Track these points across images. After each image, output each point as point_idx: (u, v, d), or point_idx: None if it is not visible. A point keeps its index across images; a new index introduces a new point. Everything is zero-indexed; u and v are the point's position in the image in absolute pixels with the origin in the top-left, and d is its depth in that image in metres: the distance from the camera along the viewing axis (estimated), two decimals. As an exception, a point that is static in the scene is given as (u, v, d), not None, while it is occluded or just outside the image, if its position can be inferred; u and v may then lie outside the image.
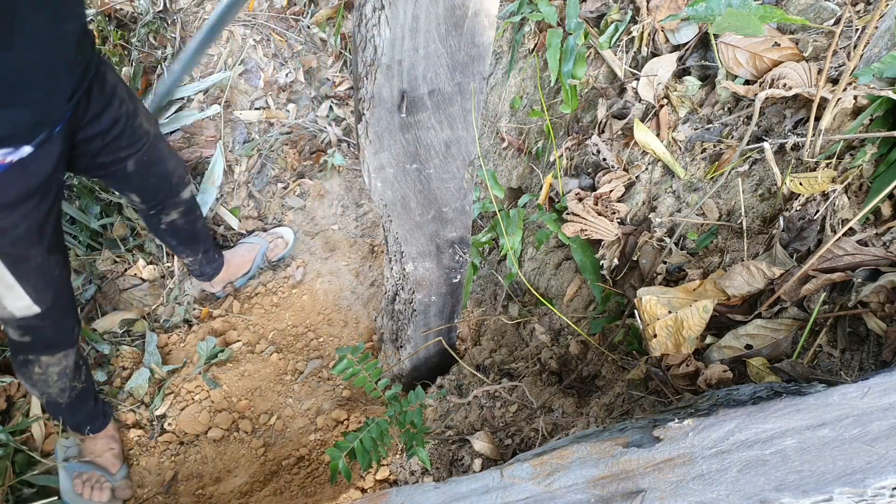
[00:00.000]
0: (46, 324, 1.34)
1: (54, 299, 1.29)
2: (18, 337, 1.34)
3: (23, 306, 1.21)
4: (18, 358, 1.42)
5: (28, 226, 1.12)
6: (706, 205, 1.38)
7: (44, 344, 1.39)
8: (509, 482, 0.85)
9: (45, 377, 1.45)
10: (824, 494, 0.73)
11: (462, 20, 0.93)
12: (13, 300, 1.18)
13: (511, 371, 1.71)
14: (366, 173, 1.18)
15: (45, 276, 1.23)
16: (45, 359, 1.41)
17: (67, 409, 1.59)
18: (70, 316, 1.43)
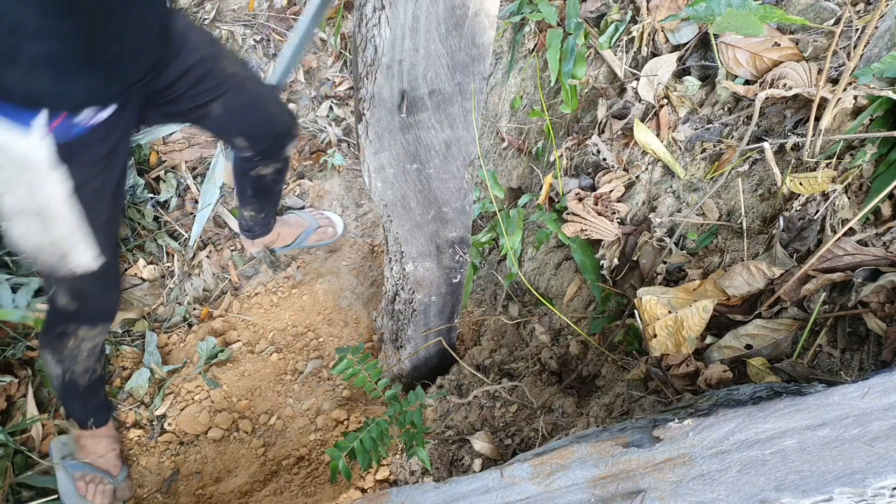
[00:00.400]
0: (97, 288, 1.37)
1: (111, 259, 1.33)
2: (66, 303, 1.36)
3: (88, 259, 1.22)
4: (56, 330, 1.43)
5: (104, 180, 1.17)
6: (706, 205, 1.38)
7: (88, 314, 1.41)
8: (509, 482, 0.85)
9: (76, 352, 1.46)
10: (824, 494, 0.74)
11: (462, 20, 0.93)
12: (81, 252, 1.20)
13: (511, 371, 1.71)
14: (366, 173, 1.18)
15: (109, 232, 1.28)
16: (82, 332, 1.43)
17: (83, 393, 1.59)
18: (116, 287, 1.46)
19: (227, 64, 1.42)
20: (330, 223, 2.39)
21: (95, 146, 1.10)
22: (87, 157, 1.10)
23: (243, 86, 1.47)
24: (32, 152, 0.99)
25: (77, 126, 1.04)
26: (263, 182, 1.82)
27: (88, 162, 1.11)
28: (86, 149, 1.09)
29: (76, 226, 1.15)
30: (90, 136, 1.07)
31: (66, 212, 1.11)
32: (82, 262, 1.22)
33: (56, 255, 1.17)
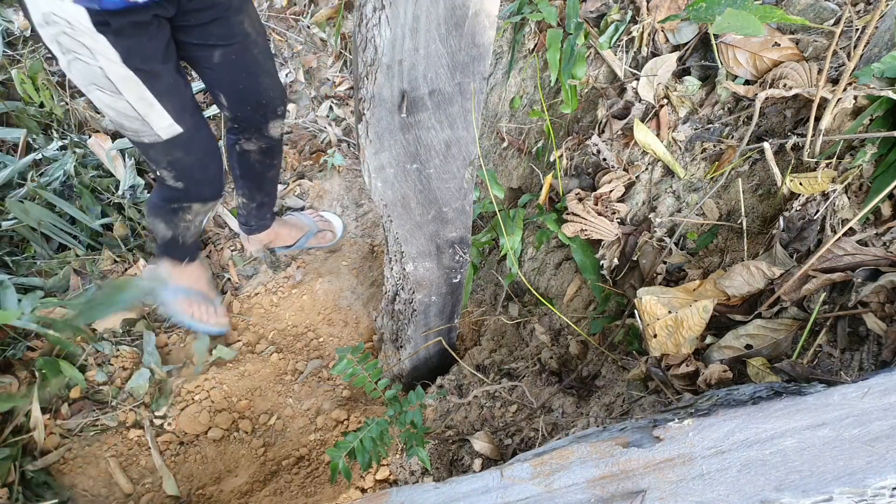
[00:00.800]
0: (193, 160, 1.45)
1: (194, 124, 1.40)
2: (172, 181, 1.47)
3: (166, 125, 1.31)
4: (172, 206, 1.55)
5: (155, 47, 1.24)
6: (706, 205, 1.38)
7: (198, 192, 1.53)
8: (509, 482, 0.85)
9: (190, 224, 1.60)
10: (824, 494, 0.74)
11: (462, 20, 0.93)
12: (156, 119, 1.29)
13: (511, 371, 1.71)
14: (366, 173, 1.18)
15: (179, 94, 1.33)
16: (196, 207, 1.56)
17: (182, 247, 1.74)
18: (215, 159, 1.52)
19: (247, 22, 1.45)
20: (329, 226, 2.39)
21: (134, 16, 1.17)
22: (127, 23, 1.16)
23: (249, 48, 1.49)
24: (73, 17, 1.10)
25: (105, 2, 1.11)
26: (249, 161, 1.81)
27: (129, 28, 1.17)
28: (122, 18, 1.15)
29: (141, 90, 1.24)
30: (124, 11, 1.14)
31: (125, 77, 1.21)
32: (163, 125, 1.31)
33: (136, 120, 1.28)
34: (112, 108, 1.27)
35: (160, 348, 2.09)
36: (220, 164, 1.58)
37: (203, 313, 1.90)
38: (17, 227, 2.08)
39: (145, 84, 1.25)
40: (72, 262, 2.18)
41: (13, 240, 2.15)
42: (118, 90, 1.23)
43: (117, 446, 1.87)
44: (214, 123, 2.58)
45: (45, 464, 1.79)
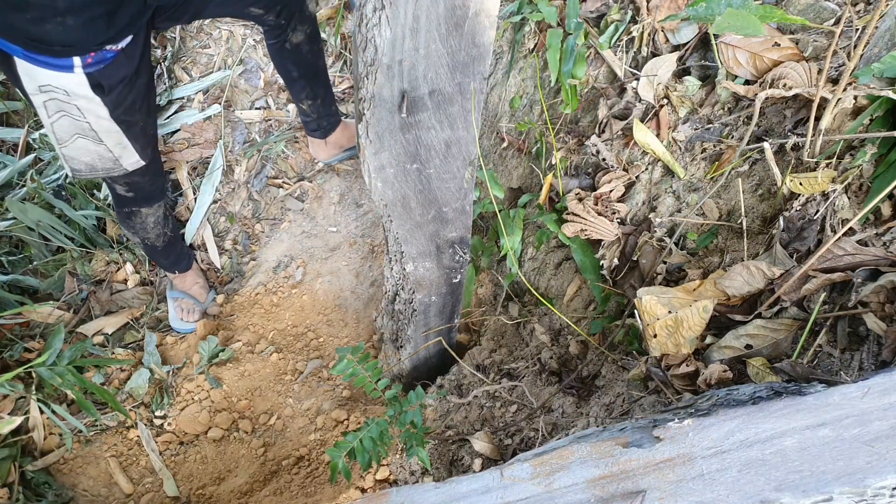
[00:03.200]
0: (146, 179, 1.70)
1: (153, 154, 1.63)
2: (124, 192, 1.72)
3: (133, 161, 1.55)
4: (124, 211, 1.81)
5: (134, 97, 1.42)
6: (706, 205, 1.38)
7: (143, 197, 1.76)
8: (509, 482, 0.85)
9: (144, 225, 1.85)
10: (824, 494, 0.73)
11: (463, 20, 0.93)
12: (127, 157, 1.52)
13: (511, 371, 1.71)
14: (366, 173, 1.18)
15: (147, 135, 1.55)
16: (143, 210, 1.81)
17: (162, 252, 2.02)
18: (161, 174, 1.79)
19: None
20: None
21: (121, 69, 1.34)
22: (117, 80, 1.34)
23: None
24: (76, 86, 1.28)
25: (107, 56, 1.28)
26: (302, 54, 1.92)
27: (118, 84, 1.35)
28: (114, 73, 1.33)
29: (119, 137, 1.45)
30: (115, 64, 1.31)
31: (109, 128, 1.41)
32: (131, 162, 1.54)
33: (109, 162, 1.50)
34: (88, 154, 1.46)
35: (158, 346, 2.10)
36: (163, 175, 1.84)
37: (184, 314, 2.16)
38: (13, 228, 2.08)
39: (124, 132, 1.46)
40: (67, 264, 2.18)
41: (12, 240, 2.16)
42: (100, 139, 1.43)
43: (117, 446, 1.87)
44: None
45: (45, 464, 1.79)
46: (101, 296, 2.21)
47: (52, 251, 2.21)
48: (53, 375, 1.66)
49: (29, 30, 1.16)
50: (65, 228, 2.19)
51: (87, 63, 1.25)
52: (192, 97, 2.57)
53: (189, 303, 2.17)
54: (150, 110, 1.54)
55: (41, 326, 2.05)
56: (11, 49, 1.21)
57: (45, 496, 1.71)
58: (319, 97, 2.15)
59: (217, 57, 2.65)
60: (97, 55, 1.25)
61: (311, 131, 2.32)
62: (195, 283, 2.22)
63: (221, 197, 2.46)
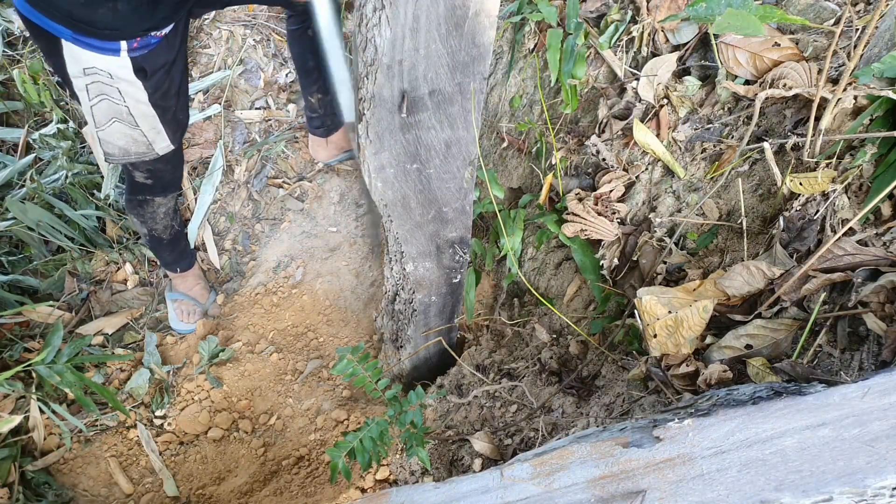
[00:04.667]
0: (169, 167, 1.73)
1: (180, 141, 1.67)
2: (143, 179, 1.74)
3: (165, 146, 1.59)
4: (137, 198, 1.82)
5: (170, 83, 1.47)
6: (706, 205, 1.38)
7: (161, 185, 1.79)
8: (509, 482, 0.85)
9: (154, 215, 1.87)
10: (824, 494, 0.74)
11: (463, 20, 0.93)
12: (160, 142, 1.56)
13: (511, 371, 1.71)
14: (366, 173, 1.18)
15: (177, 121, 1.59)
16: (158, 199, 1.83)
17: (167, 245, 2.02)
18: (181, 164, 1.82)
19: None
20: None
21: (164, 55, 1.39)
22: (157, 66, 1.39)
23: None
24: (120, 69, 1.33)
25: (151, 41, 1.33)
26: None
27: (158, 69, 1.40)
28: (158, 59, 1.38)
29: (154, 122, 1.49)
30: (160, 49, 1.36)
31: (146, 112, 1.45)
32: (163, 146, 1.58)
33: (142, 146, 1.54)
34: (122, 138, 1.51)
35: (157, 346, 2.10)
36: (183, 166, 1.85)
37: (185, 315, 2.17)
38: (13, 228, 2.08)
39: (159, 116, 1.50)
40: (67, 264, 2.18)
41: (12, 240, 2.16)
42: (136, 123, 1.47)
43: (117, 446, 1.87)
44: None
45: (45, 464, 1.79)
46: (101, 296, 2.21)
47: (52, 251, 2.20)
48: (52, 374, 1.66)
49: (80, 13, 1.22)
50: (65, 228, 2.18)
51: (132, 48, 1.30)
52: (192, 97, 2.57)
53: (189, 304, 2.17)
54: (182, 96, 1.58)
55: (41, 326, 2.05)
56: (60, 31, 1.26)
57: (45, 496, 1.71)
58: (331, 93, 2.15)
59: (217, 57, 2.65)
60: (142, 40, 1.31)
61: (315, 128, 2.32)
62: (196, 284, 2.22)
63: (221, 197, 2.46)
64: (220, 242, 2.42)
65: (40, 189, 2.16)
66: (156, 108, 1.48)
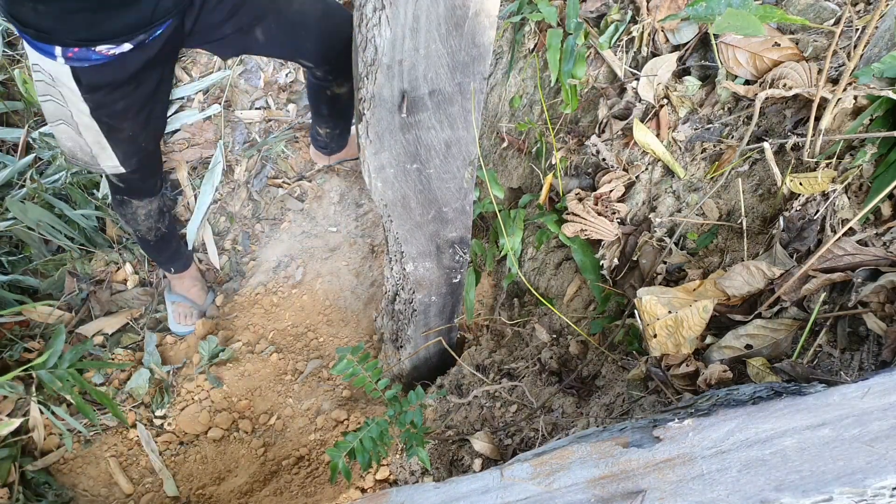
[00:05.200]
0: (135, 178, 1.65)
1: (139, 164, 1.57)
2: (116, 181, 1.67)
3: (112, 165, 1.50)
4: (116, 197, 1.77)
5: (124, 105, 1.36)
6: (706, 205, 1.39)
7: (132, 191, 1.73)
8: (509, 482, 0.85)
9: (134, 216, 1.83)
10: (824, 494, 0.73)
11: (463, 20, 0.93)
12: (105, 159, 1.47)
13: (511, 371, 1.71)
14: (366, 173, 1.18)
15: (133, 146, 1.48)
16: (135, 202, 1.77)
17: (154, 247, 1.99)
18: (154, 176, 1.74)
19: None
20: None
21: (112, 75, 1.28)
22: (104, 83, 1.28)
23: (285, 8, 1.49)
24: (58, 72, 1.24)
25: (92, 57, 1.21)
26: (341, 103, 1.91)
27: (105, 87, 1.29)
28: (101, 76, 1.27)
29: (98, 137, 1.40)
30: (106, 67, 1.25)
31: (89, 125, 1.36)
32: (108, 165, 1.49)
33: (87, 155, 1.45)
34: (71, 141, 1.43)
35: (157, 346, 2.10)
36: (160, 177, 1.78)
37: (182, 317, 2.16)
38: (13, 228, 2.08)
39: (104, 134, 1.40)
40: (67, 264, 2.18)
41: (12, 240, 2.16)
42: (80, 132, 1.39)
43: (117, 446, 1.87)
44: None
45: (45, 464, 1.79)
46: (101, 296, 2.21)
47: (52, 251, 2.21)
48: (54, 379, 1.66)
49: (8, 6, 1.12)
50: (65, 228, 2.18)
51: (67, 56, 1.20)
52: (191, 97, 2.57)
53: (187, 306, 2.17)
54: (149, 124, 1.47)
55: (41, 326, 2.05)
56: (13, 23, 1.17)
57: (45, 496, 1.71)
58: (339, 129, 2.18)
59: (217, 57, 2.65)
60: (80, 52, 1.20)
61: (319, 148, 2.37)
62: (193, 286, 2.21)
63: (221, 197, 2.46)
64: (220, 242, 2.42)
65: (40, 189, 2.16)
66: (100, 124, 1.37)
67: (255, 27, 1.46)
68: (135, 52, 1.25)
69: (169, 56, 1.39)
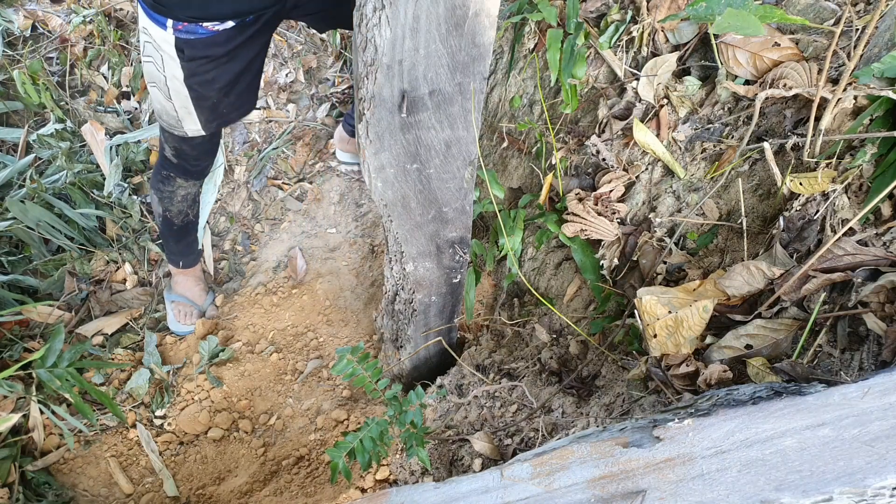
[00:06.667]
0: (195, 153, 1.75)
1: (210, 135, 1.68)
2: (171, 155, 1.76)
3: (194, 129, 1.60)
4: (162, 173, 1.84)
5: (217, 76, 1.46)
6: (706, 205, 1.38)
7: (184, 170, 1.82)
8: (509, 482, 0.85)
9: (172, 196, 1.88)
10: (824, 494, 0.73)
11: (463, 20, 0.93)
12: (189, 123, 1.58)
13: (511, 371, 1.70)
14: (366, 173, 1.18)
15: (215, 112, 1.59)
16: (180, 180, 1.85)
17: (177, 233, 2.03)
18: (210, 156, 1.83)
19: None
20: None
21: (210, 49, 1.39)
22: (200, 55, 1.39)
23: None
24: (163, 40, 1.36)
25: (199, 31, 1.33)
26: None
27: (200, 59, 1.40)
28: (201, 49, 1.38)
29: (186, 102, 1.51)
30: (207, 41, 1.36)
31: (179, 90, 1.47)
32: (191, 129, 1.60)
33: (172, 118, 1.57)
34: (159, 103, 1.55)
35: (157, 346, 2.10)
36: (212, 161, 1.85)
37: (182, 317, 2.18)
38: (13, 228, 2.08)
39: (192, 100, 1.51)
40: (67, 264, 2.18)
41: (12, 240, 2.16)
42: (170, 96, 1.49)
43: (117, 446, 1.87)
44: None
45: (45, 464, 1.78)
46: (101, 296, 2.21)
47: (52, 251, 2.21)
48: (53, 378, 1.66)
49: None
50: (65, 228, 2.18)
51: (177, 28, 1.33)
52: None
53: (187, 306, 2.18)
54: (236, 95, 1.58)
55: (41, 326, 2.05)
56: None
57: (46, 496, 1.71)
58: None
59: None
60: (188, 26, 1.32)
61: (349, 126, 2.45)
62: (195, 286, 2.22)
63: (221, 197, 2.46)
64: (220, 242, 2.42)
65: (40, 189, 2.16)
66: (190, 91, 1.48)
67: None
68: (236, 28, 1.37)
69: (267, 30, 1.49)
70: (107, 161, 2.31)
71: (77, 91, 2.57)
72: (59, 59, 2.58)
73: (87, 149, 2.37)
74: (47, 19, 2.63)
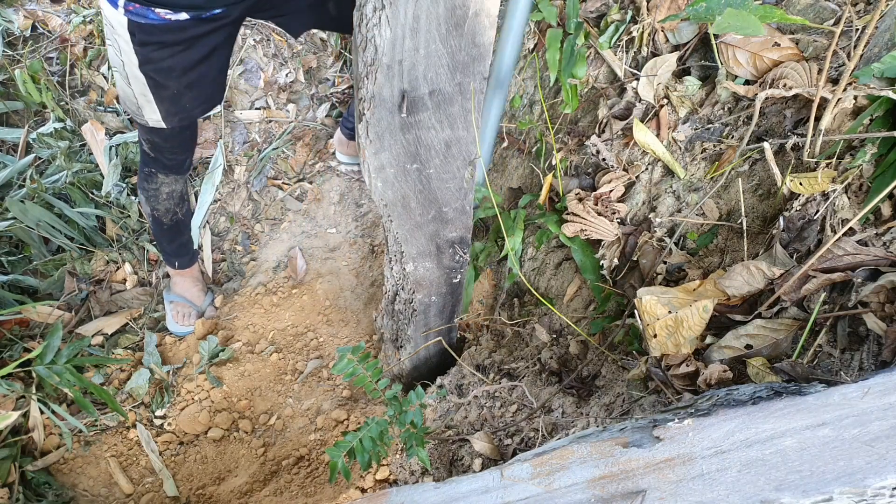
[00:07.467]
0: (167, 146, 1.71)
1: (179, 125, 1.62)
2: (147, 148, 1.73)
3: (155, 119, 1.55)
4: (144, 170, 1.82)
5: (171, 64, 1.42)
6: (706, 205, 1.38)
7: (163, 165, 1.78)
8: (509, 482, 0.85)
9: (157, 193, 1.85)
10: (824, 494, 0.74)
11: (463, 20, 0.93)
12: (149, 112, 1.54)
13: (511, 371, 1.70)
14: (366, 173, 1.18)
15: (177, 105, 1.54)
16: (161, 176, 1.82)
17: (168, 232, 2.00)
18: (187, 151, 1.79)
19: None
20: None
21: (164, 35, 1.35)
22: (153, 41, 1.35)
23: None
24: (117, 22, 1.32)
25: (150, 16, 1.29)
26: None
27: (153, 44, 1.36)
28: (154, 34, 1.34)
29: (144, 89, 1.47)
30: (160, 27, 1.32)
31: (137, 76, 1.43)
32: (150, 118, 1.55)
33: (133, 105, 1.53)
34: (121, 88, 1.52)
35: (157, 346, 2.10)
36: (190, 155, 1.82)
37: (181, 317, 2.17)
38: (13, 228, 2.08)
39: (150, 88, 1.46)
40: (67, 264, 2.18)
41: (12, 240, 2.16)
42: (129, 82, 1.46)
43: (117, 446, 1.87)
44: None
45: (45, 464, 1.79)
46: (101, 296, 2.21)
47: (51, 251, 2.20)
48: (51, 374, 1.66)
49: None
50: (65, 228, 2.18)
51: (128, 9, 1.28)
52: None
53: (186, 307, 2.17)
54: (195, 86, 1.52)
55: (41, 326, 2.05)
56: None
57: (46, 496, 1.71)
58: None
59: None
60: (139, 8, 1.28)
61: (347, 129, 2.45)
62: (194, 286, 2.21)
63: (221, 197, 2.46)
64: (219, 243, 2.42)
65: (40, 189, 2.16)
66: (147, 78, 1.44)
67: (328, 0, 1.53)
68: (191, 20, 1.32)
69: (230, 27, 1.44)
70: (106, 161, 2.31)
71: (77, 91, 2.57)
72: (59, 58, 2.58)
73: (86, 148, 2.37)
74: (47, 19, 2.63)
